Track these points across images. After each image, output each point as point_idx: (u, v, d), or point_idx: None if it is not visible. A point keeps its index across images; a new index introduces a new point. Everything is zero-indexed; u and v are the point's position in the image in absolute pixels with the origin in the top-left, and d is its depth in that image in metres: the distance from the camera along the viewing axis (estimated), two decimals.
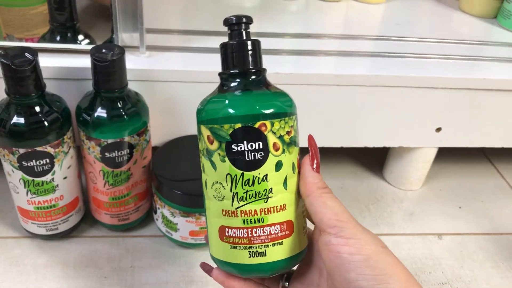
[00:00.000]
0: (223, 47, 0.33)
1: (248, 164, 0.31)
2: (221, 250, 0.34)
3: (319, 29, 0.64)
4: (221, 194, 0.32)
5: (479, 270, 0.56)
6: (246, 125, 0.31)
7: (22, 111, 0.44)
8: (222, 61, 0.34)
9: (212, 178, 0.33)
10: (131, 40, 0.53)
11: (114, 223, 0.54)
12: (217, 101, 0.33)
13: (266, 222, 0.32)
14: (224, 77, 0.34)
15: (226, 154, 0.32)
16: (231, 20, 0.33)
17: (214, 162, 0.32)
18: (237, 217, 0.32)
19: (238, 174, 0.31)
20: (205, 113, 0.33)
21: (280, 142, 0.32)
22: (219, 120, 0.32)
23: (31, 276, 0.50)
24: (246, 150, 0.31)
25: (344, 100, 0.56)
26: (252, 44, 0.33)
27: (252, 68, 0.33)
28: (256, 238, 0.32)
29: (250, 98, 0.32)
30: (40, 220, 0.50)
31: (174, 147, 0.54)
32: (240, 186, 0.32)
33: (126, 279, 0.50)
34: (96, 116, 0.46)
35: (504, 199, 0.68)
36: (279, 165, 0.32)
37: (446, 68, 0.57)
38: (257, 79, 0.33)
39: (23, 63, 0.41)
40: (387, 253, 0.30)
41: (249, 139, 0.31)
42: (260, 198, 0.32)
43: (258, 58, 0.33)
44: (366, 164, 0.71)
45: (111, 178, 0.49)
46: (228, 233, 0.33)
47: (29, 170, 0.46)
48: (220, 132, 0.31)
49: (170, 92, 0.53)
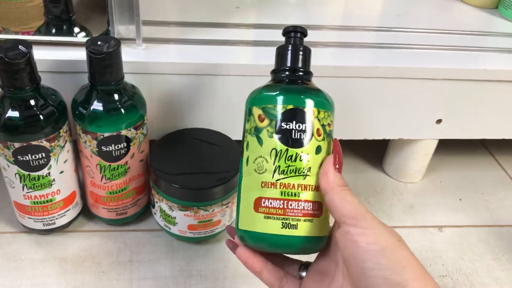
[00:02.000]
0: (280, 48, 0.38)
1: (293, 141, 0.35)
2: (254, 221, 0.35)
3: (318, 20, 0.63)
4: (263, 167, 0.35)
5: (479, 262, 0.56)
6: (297, 107, 0.35)
7: (17, 104, 0.43)
8: (278, 60, 0.38)
9: (256, 154, 0.36)
10: (128, 32, 0.52)
11: (112, 218, 0.54)
12: (272, 88, 0.37)
13: (301, 198, 0.35)
14: (277, 72, 0.38)
15: (275, 130, 0.35)
16: (288, 29, 0.38)
17: (262, 138, 0.35)
18: (276, 188, 0.35)
19: (283, 149, 0.35)
20: (260, 97, 0.36)
21: (322, 129, 0.36)
22: (273, 101, 0.35)
23: (28, 272, 0.49)
24: (293, 129, 0.35)
25: (343, 92, 0.55)
26: (303, 49, 0.38)
27: (302, 68, 0.37)
28: (291, 211, 0.34)
29: (303, 88, 0.37)
30: (37, 215, 0.50)
31: (172, 140, 0.54)
32: (283, 160, 0.34)
33: (124, 274, 0.50)
34: (92, 109, 0.46)
35: (504, 191, 0.67)
36: (319, 149, 0.35)
37: (446, 59, 0.56)
38: (305, 77, 0.38)
39: (17, 55, 0.40)
40: (403, 246, 0.31)
41: (298, 120, 0.35)
42: (299, 174, 0.34)
43: (308, 62, 0.38)
44: (366, 157, 0.71)
45: (108, 172, 0.49)
46: (264, 204, 0.35)
47: (24, 164, 0.45)
48: (273, 111, 0.35)
49: (167, 85, 0.52)
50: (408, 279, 0.29)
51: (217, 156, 0.52)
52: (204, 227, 0.51)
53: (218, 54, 0.53)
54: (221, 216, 0.51)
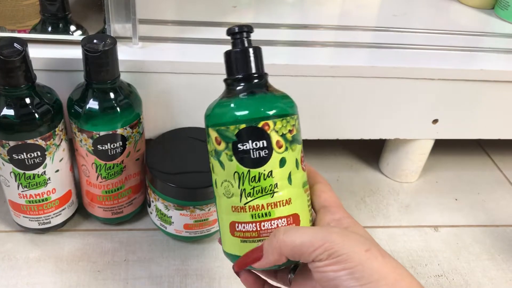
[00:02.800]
0: (227, 54, 0.36)
1: (253, 161, 0.33)
2: (233, 244, 0.35)
3: (316, 20, 0.63)
4: (230, 192, 0.34)
5: (475, 262, 0.56)
6: (250, 125, 0.33)
7: (12, 103, 0.43)
8: (227, 67, 0.36)
9: (221, 177, 0.35)
10: (124, 31, 0.52)
11: (108, 217, 0.53)
12: (223, 105, 0.35)
13: (273, 216, 0.34)
14: (229, 82, 0.36)
15: (233, 153, 0.33)
16: (233, 30, 0.35)
17: (222, 162, 0.34)
18: (246, 212, 0.34)
19: (245, 171, 0.33)
20: (213, 116, 0.35)
21: (283, 140, 0.34)
22: (225, 122, 0.34)
23: (24, 271, 0.49)
24: (251, 149, 0.33)
25: (340, 91, 0.55)
26: (253, 51, 0.35)
27: (255, 73, 0.35)
28: (265, 231, 0.34)
29: (253, 100, 0.34)
30: (32, 214, 0.50)
31: (168, 139, 0.54)
32: (247, 182, 0.33)
33: (120, 273, 0.50)
34: (88, 108, 0.45)
35: (500, 191, 0.68)
36: (283, 161, 0.34)
37: (443, 59, 0.56)
38: (260, 83, 0.35)
39: (12, 53, 0.40)
40: (373, 256, 0.30)
41: (253, 138, 0.33)
42: (266, 193, 0.33)
43: (260, 63, 0.35)
44: (362, 156, 0.71)
45: (104, 171, 0.49)
46: (238, 228, 0.34)
47: (20, 163, 0.45)
48: (227, 133, 0.33)
49: (163, 84, 0.52)
50: None
51: None
52: (200, 226, 0.51)
53: (215, 53, 0.52)
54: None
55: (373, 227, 0.59)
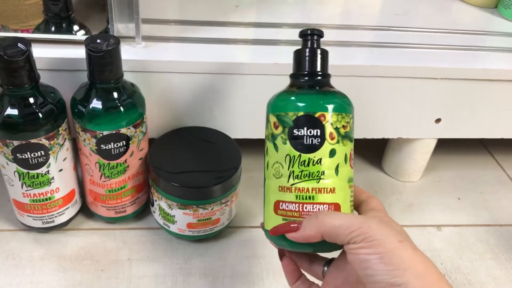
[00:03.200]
0: (297, 52, 0.38)
1: (306, 147, 0.36)
2: (274, 222, 0.37)
3: (318, 19, 0.63)
4: (280, 172, 0.37)
5: (478, 262, 0.56)
6: (308, 113, 0.36)
7: (16, 102, 0.43)
8: (296, 64, 0.39)
9: (274, 159, 0.37)
10: (127, 31, 0.52)
11: (111, 216, 0.54)
12: (286, 94, 0.38)
13: (316, 200, 0.36)
14: (294, 77, 0.38)
15: (288, 137, 0.36)
16: (306, 32, 0.38)
17: (277, 144, 0.37)
18: (291, 192, 0.36)
19: (296, 155, 0.36)
20: (276, 103, 0.37)
21: (335, 132, 0.36)
22: (285, 108, 0.36)
23: (27, 269, 0.49)
24: (305, 135, 0.36)
25: (343, 91, 0.55)
26: (321, 52, 0.38)
27: (319, 71, 0.38)
28: (306, 213, 0.35)
29: (314, 93, 0.37)
30: (36, 213, 0.50)
31: (171, 139, 0.54)
32: (297, 165, 0.36)
33: (123, 272, 0.50)
34: (92, 107, 0.45)
35: (503, 190, 0.67)
36: (332, 152, 0.36)
37: (445, 58, 0.56)
38: (322, 80, 0.38)
39: (16, 53, 0.40)
40: (404, 248, 0.32)
41: (308, 126, 0.36)
42: (312, 178, 0.35)
43: (325, 64, 0.38)
44: (364, 156, 0.71)
45: (107, 170, 0.49)
46: (282, 207, 0.36)
47: (23, 162, 0.45)
48: (285, 118, 0.36)
49: (166, 83, 0.52)
50: (409, 281, 0.30)
51: (216, 154, 0.52)
52: (203, 225, 0.51)
53: (218, 52, 0.53)
54: (220, 215, 0.51)
55: None
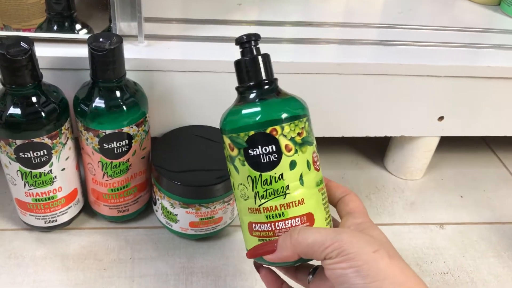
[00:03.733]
0: (237, 63, 0.37)
1: (264, 165, 0.35)
2: (252, 243, 0.37)
3: (320, 17, 0.63)
4: (246, 194, 0.36)
5: (481, 260, 0.56)
6: (259, 131, 0.34)
7: (19, 101, 0.43)
8: (237, 76, 0.37)
9: (237, 181, 0.36)
10: (129, 29, 0.52)
11: (114, 215, 0.54)
12: (234, 112, 0.36)
13: (287, 216, 0.35)
14: (240, 90, 0.37)
15: (245, 158, 0.35)
16: (242, 39, 0.37)
17: (237, 167, 0.36)
18: (261, 213, 0.35)
19: (257, 175, 0.35)
20: (225, 124, 0.37)
21: (291, 143, 0.35)
22: (236, 129, 0.35)
23: (30, 269, 0.49)
24: (261, 154, 0.35)
25: (345, 89, 0.55)
26: (262, 58, 0.36)
27: (265, 79, 0.36)
28: (280, 231, 0.35)
29: (261, 107, 0.36)
30: (38, 212, 0.50)
31: (174, 137, 0.54)
32: (260, 185, 0.35)
33: (125, 271, 0.50)
34: (94, 106, 0.45)
35: (506, 188, 0.67)
36: (293, 164, 0.35)
37: (449, 56, 0.56)
38: (269, 89, 0.36)
39: (19, 52, 0.40)
40: (380, 257, 0.31)
41: (262, 144, 0.35)
42: (278, 195, 0.35)
43: (269, 69, 0.37)
44: (367, 154, 0.71)
45: (109, 169, 0.49)
46: (255, 228, 0.36)
47: (26, 161, 0.45)
48: (238, 139, 0.35)
49: (169, 82, 0.52)
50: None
51: (219, 153, 0.51)
52: (206, 224, 0.51)
53: (220, 51, 0.52)
54: (222, 213, 0.51)
55: (378, 224, 0.57)
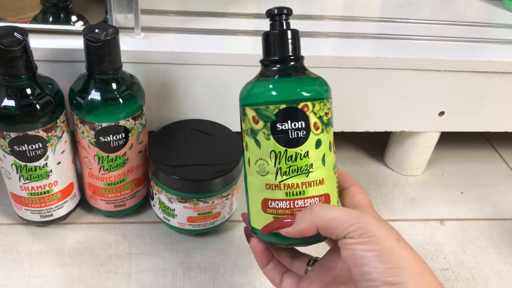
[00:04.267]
0: (266, 36, 0.36)
1: (291, 141, 0.34)
2: (264, 221, 0.36)
3: (320, 10, 0.62)
4: (265, 170, 0.35)
5: (481, 256, 0.55)
6: (290, 105, 0.33)
7: (13, 93, 0.42)
8: (265, 48, 0.36)
9: (256, 155, 0.35)
10: (126, 21, 0.51)
11: (110, 209, 0.53)
12: (262, 84, 0.35)
13: (307, 195, 0.34)
14: (266, 64, 0.36)
15: (271, 132, 0.34)
16: (273, 11, 0.35)
17: (259, 140, 0.35)
18: (280, 190, 0.34)
19: (282, 150, 0.34)
20: (251, 95, 0.35)
21: (320, 122, 0.34)
22: (265, 101, 0.34)
23: (25, 264, 0.49)
24: (289, 129, 0.34)
25: (345, 83, 0.55)
26: (291, 33, 0.35)
27: (292, 55, 0.35)
28: (298, 209, 0.34)
29: (293, 81, 0.35)
30: (33, 207, 0.49)
31: (171, 131, 0.53)
32: (283, 161, 0.34)
33: (122, 266, 0.49)
34: (90, 99, 0.45)
35: (506, 184, 0.67)
36: (318, 143, 0.34)
37: (449, 50, 0.55)
38: (296, 65, 0.35)
39: (12, 43, 0.39)
40: (401, 246, 0.31)
41: (292, 119, 0.34)
42: (301, 173, 0.34)
43: (297, 46, 0.36)
44: (367, 149, 0.70)
45: (106, 163, 0.48)
46: (271, 205, 0.35)
47: (21, 155, 0.44)
48: (266, 112, 0.34)
49: (166, 75, 0.51)
50: (407, 280, 0.30)
51: (217, 147, 0.51)
52: (204, 219, 0.50)
53: (218, 44, 0.52)
54: (221, 208, 0.51)
55: None
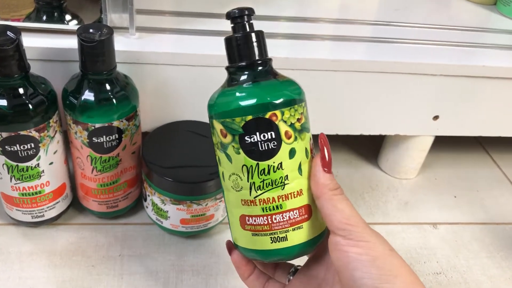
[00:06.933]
0: (228, 40, 0.34)
1: (262, 154, 0.32)
2: (243, 237, 0.35)
3: (316, 13, 0.62)
4: (239, 185, 0.33)
5: (474, 260, 0.55)
6: (257, 116, 0.31)
7: (5, 93, 0.41)
8: (228, 54, 0.34)
9: (229, 170, 0.33)
10: (121, 21, 0.51)
11: (103, 211, 0.52)
12: (227, 94, 0.33)
13: (285, 208, 0.33)
14: (231, 71, 0.34)
15: (240, 146, 0.32)
16: (234, 14, 0.33)
17: (229, 155, 0.33)
18: (256, 205, 0.33)
19: (254, 164, 0.32)
20: (216, 107, 0.33)
21: (291, 130, 0.32)
22: (230, 114, 0.32)
23: (16, 265, 0.48)
24: (259, 141, 0.32)
25: (340, 86, 0.55)
26: (256, 36, 0.33)
27: (259, 59, 0.33)
28: (276, 224, 0.33)
29: (258, 89, 0.32)
30: (25, 207, 0.49)
31: (165, 132, 0.53)
32: (256, 175, 0.32)
33: (114, 268, 0.49)
34: (83, 99, 0.44)
35: (499, 188, 0.67)
36: (292, 152, 0.32)
37: (445, 55, 0.56)
38: (264, 70, 0.33)
39: (5, 41, 0.39)
40: (394, 255, 0.31)
41: (261, 130, 0.32)
42: (277, 186, 0.32)
43: (263, 48, 0.34)
44: (361, 152, 0.70)
45: (99, 164, 0.48)
46: (249, 222, 0.34)
47: (12, 155, 0.44)
48: (232, 125, 0.32)
49: (161, 76, 0.51)
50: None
51: (211, 149, 0.51)
52: (197, 221, 0.50)
53: (213, 45, 0.51)
54: (214, 211, 0.50)
55: (372, 223, 0.58)
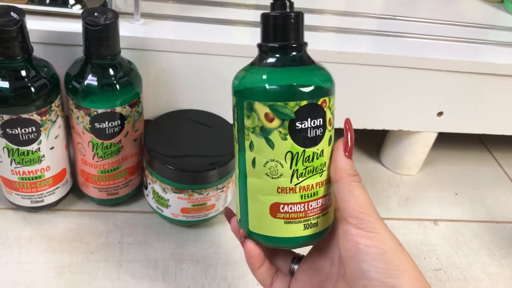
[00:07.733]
0: (270, 17, 0.32)
1: (310, 140, 0.31)
2: (272, 226, 0.33)
3: (322, 4, 0.61)
4: (278, 172, 0.32)
5: (474, 258, 0.55)
6: (311, 102, 0.30)
7: (7, 75, 0.41)
8: (273, 32, 0.32)
9: (266, 157, 0.32)
10: (125, 6, 0.50)
11: (103, 197, 0.52)
12: (275, 77, 0.31)
13: (320, 195, 0.33)
14: (264, 50, 0.32)
15: (289, 131, 0.31)
16: None
17: (272, 140, 0.31)
18: (296, 193, 0.32)
19: (300, 151, 0.31)
20: (262, 88, 0.31)
21: (332, 117, 0.32)
22: (283, 97, 0.30)
23: (14, 249, 0.48)
24: (309, 127, 0.31)
25: (345, 79, 0.54)
26: (298, 17, 0.32)
27: (298, 42, 0.31)
28: (311, 211, 0.33)
29: (311, 74, 0.31)
30: (24, 192, 0.48)
31: (168, 120, 0.52)
32: (301, 163, 0.31)
33: (113, 255, 0.49)
34: (86, 84, 0.44)
35: (500, 187, 0.67)
36: (330, 139, 0.33)
37: (451, 51, 0.55)
38: (306, 54, 0.32)
39: (8, 22, 0.38)
40: (402, 251, 0.31)
41: (312, 116, 0.31)
42: (317, 173, 0.32)
43: (301, 31, 0.32)
44: (363, 147, 0.70)
45: (100, 150, 0.47)
46: (283, 209, 0.32)
47: (13, 138, 0.43)
48: (284, 109, 0.30)
49: (165, 63, 0.50)
50: (404, 284, 0.29)
51: (214, 139, 0.51)
52: (198, 210, 0.50)
53: (218, 33, 0.51)
54: (215, 200, 0.50)
55: None
